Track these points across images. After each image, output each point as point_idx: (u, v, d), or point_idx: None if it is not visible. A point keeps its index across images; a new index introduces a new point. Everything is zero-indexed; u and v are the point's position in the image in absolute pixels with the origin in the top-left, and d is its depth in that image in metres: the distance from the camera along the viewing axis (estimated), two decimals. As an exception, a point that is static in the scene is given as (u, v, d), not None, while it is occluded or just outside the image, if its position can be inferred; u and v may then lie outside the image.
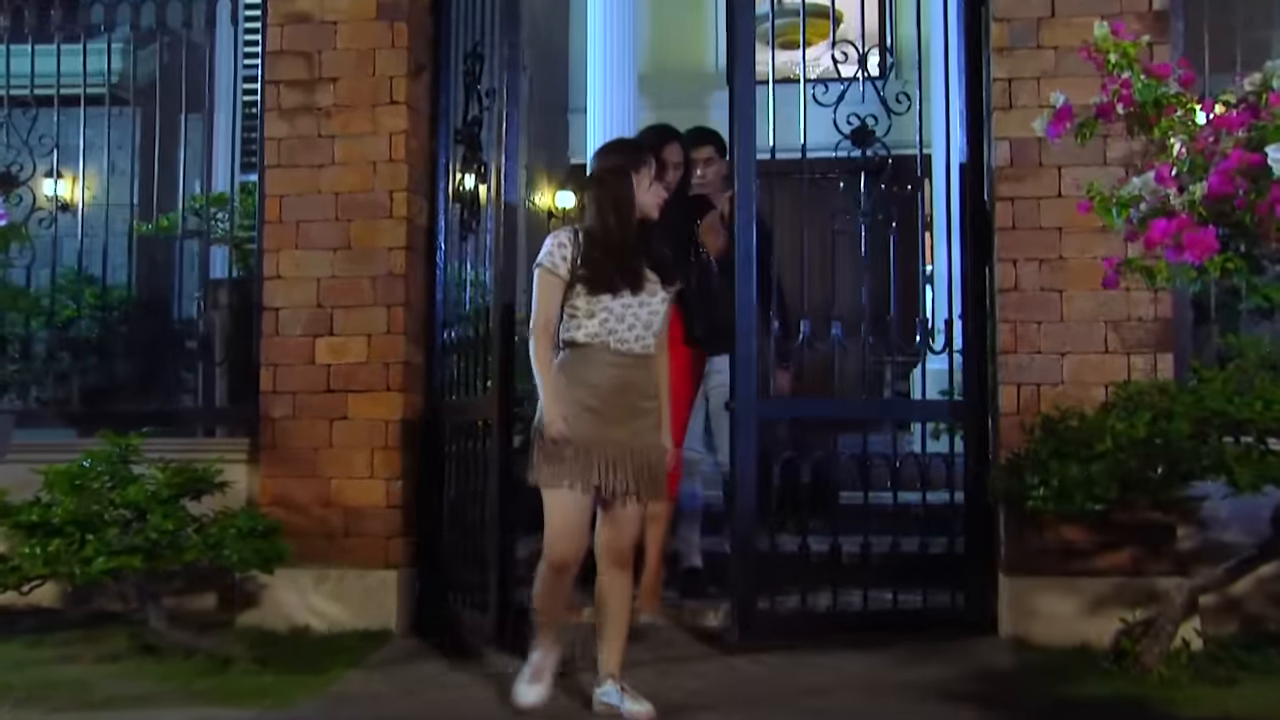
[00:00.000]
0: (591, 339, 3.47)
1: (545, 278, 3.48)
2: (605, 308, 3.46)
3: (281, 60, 4.77)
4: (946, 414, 4.65)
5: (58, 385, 4.92)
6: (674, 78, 10.97)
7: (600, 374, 3.47)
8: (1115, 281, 2.79)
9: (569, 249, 3.48)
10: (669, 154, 4.56)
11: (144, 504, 3.88)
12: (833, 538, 4.48)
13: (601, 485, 3.44)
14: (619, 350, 3.47)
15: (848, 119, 4.54)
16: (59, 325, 5.15)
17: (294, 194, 4.74)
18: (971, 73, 4.66)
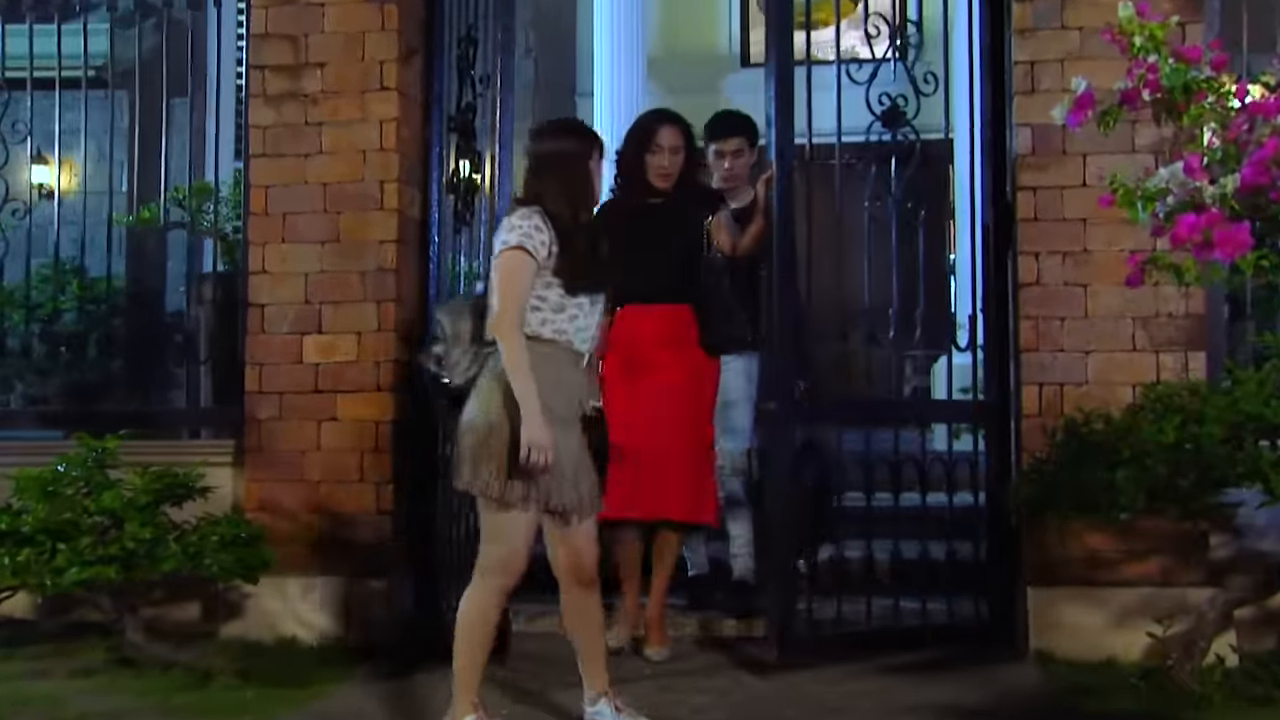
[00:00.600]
0: (557, 336, 3.28)
1: (523, 262, 3.20)
2: (577, 304, 3.29)
3: (266, 44, 4.70)
4: (970, 415, 4.57)
5: (34, 384, 4.85)
6: (686, 60, 10.88)
7: (562, 375, 3.28)
8: (1139, 280, 2.70)
9: (546, 233, 3.25)
10: (664, 137, 4.41)
11: (120, 511, 3.82)
12: (867, 545, 4.40)
13: (566, 505, 3.26)
14: (578, 351, 3.33)
15: (879, 99, 4.43)
16: (36, 321, 5.08)
17: (280, 185, 4.67)
18: (993, 55, 4.57)
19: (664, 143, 4.38)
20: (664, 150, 4.36)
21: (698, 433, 4.36)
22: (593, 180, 3.39)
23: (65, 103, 5.01)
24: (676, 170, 4.40)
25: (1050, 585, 4.23)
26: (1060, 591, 4.21)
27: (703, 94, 10.55)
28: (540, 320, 3.26)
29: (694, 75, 10.65)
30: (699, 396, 4.39)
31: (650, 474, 4.19)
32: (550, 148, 3.40)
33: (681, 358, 4.36)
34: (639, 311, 4.27)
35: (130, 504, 3.86)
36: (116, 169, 5.32)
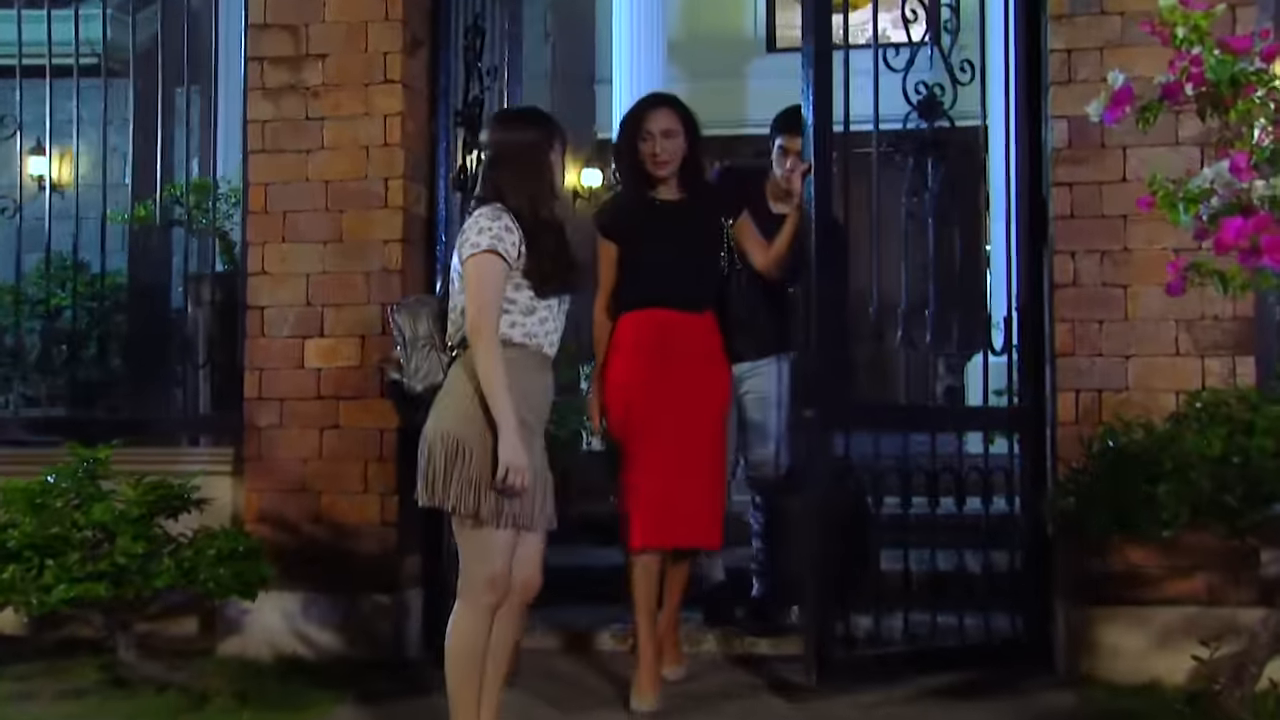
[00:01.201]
0: (527, 340, 3.20)
1: (496, 265, 3.11)
2: (547, 305, 3.23)
3: (265, 34, 4.66)
4: (1005, 422, 4.49)
5: (25, 388, 4.82)
6: (709, 45, 10.80)
7: (532, 382, 3.21)
8: (1180, 288, 2.60)
9: (516, 234, 3.16)
10: (654, 122, 4.09)
11: (111, 525, 3.78)
12: (903, 555, 4.32)
13: (533, 521, 3.19)
14: (547, 355, 3.27)
15: (915, 88, 4.35)
16: (27, 321, 5.06)
17: (280, 182, 4.63)
18: (1028, 42, 4.47)
19: (654, 128, 4.09)
20: (655, 136, 4.08)
21: (720, 450, 4.21)
22: (552, 173, 3.28)
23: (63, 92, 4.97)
24: (673, 156, 4.09)
25: (1089, 603, 4.14)
26: (1099, 610, 4.12)
27: (726, 79, 10.53)
28: (510, 324, 3.17)
29: (717, 60, 10.60)
30: (723, 412, 4.24)
31: (681, 498, 4.02)
32: (505, 139, 3.29)
33: (709, 371, 4.17)
34: (660, 318, 4.09)
35: (122, 517, 3.82)
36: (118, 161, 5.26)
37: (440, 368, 3.25)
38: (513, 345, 3.17)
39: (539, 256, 3.16)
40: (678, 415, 4.02)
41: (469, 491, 3.08)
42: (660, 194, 4.17)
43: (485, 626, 3.19)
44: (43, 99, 5.03)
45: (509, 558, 3.19)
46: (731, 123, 10.23)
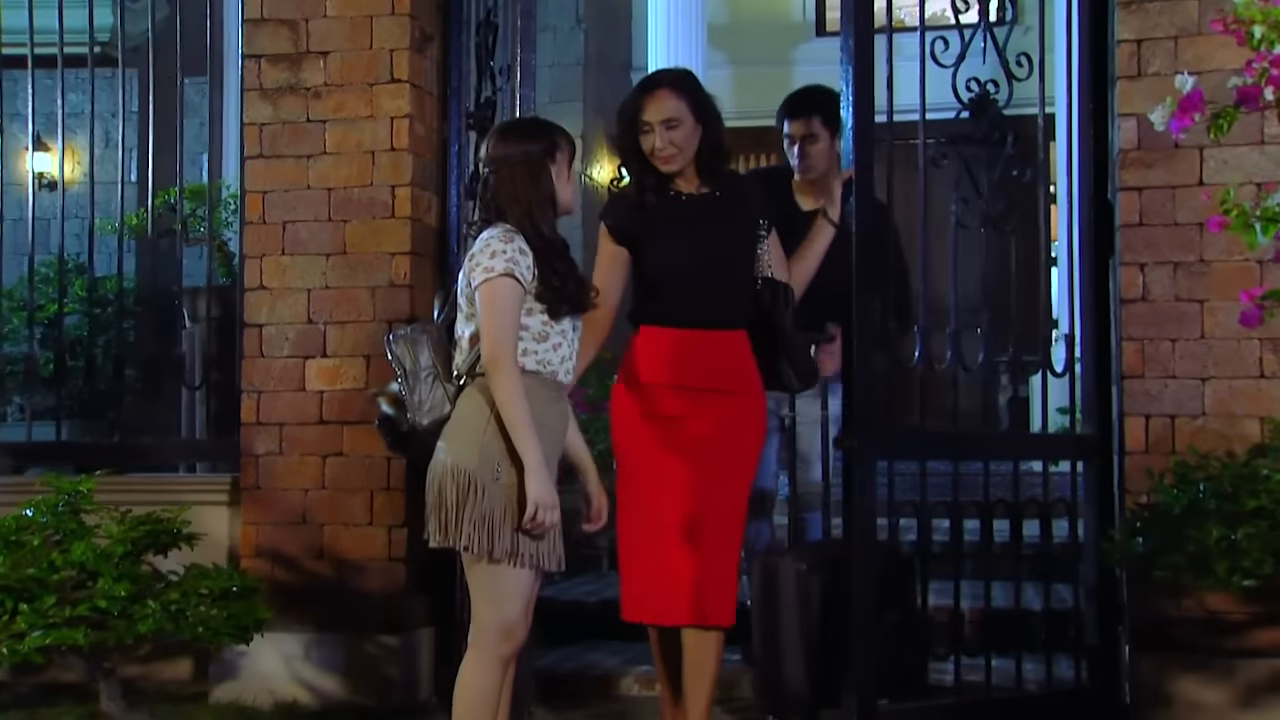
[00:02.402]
0: (540, 368, 3.14)
1: (513, 290, 3.06)
2: (560, 330, 3.17)
3: (262, 30, 4.59)
4: (1067, 450, 4.34)
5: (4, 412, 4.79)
6: (753, 29, 10.67)
7: (547, 412, 3.14)
8: (1257, 319, 2.45)
9: (530, 255, 3.10)
10: (651, 110, 3.57)
11: (92, 564, 3.71)
12: (954, 592, 4.19)
13: (551, 562, 3.13)
14: (561, 383, 3.21)
15: (967, 85, 4.21)
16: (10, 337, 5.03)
17: (279, 190, 4.56)
18: (1094, 32, 4.32)
19: (653, 117, 3.56)
20: (654, 128, 3.56)
21: (742, 505, 3.68)
22: (552, 188, 3.19)
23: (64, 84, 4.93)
24: (682, 147, 3.58)
25: (1162, 650, 3.98)
26: (1174, 658, 3.95)
27: (772, 65, 10.38)
28: (521, 351, 3.11)
29: (762, 45, 10.48)
30: (753, 455, 3.71)
31: (685, 565, 3.49)
32: (501, 154, 3.21)
33: (737, 406, 3.62)
34: (680, 338, 3.60)
35: (104, 555, 3.75)
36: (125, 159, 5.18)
37: (447, 399, 3.18)
38: (525, 374, 3.10)
39: (550, 277, 3.12)
40: (693, 461, 3.53)
41: (482, 529, 3.03)
42: (678, 185, 3.68)
43: (498, 679, 3.12)
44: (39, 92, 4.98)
45: (526, 602, 3.13)
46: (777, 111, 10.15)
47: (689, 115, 3.58)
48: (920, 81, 4.12)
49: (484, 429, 3.06)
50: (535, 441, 3.02)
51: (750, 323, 3.70)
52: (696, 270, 3.61)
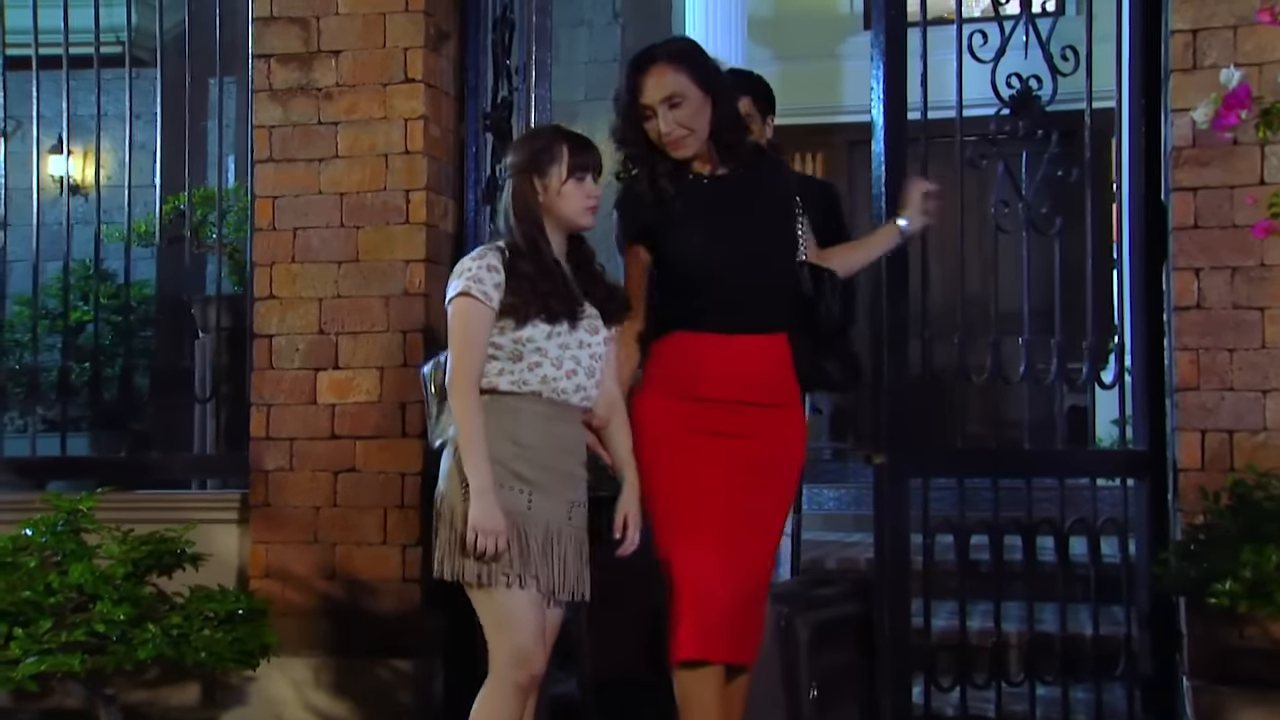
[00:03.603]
0: (517, 387, 3.11)
1: (473, 310, 3.08)
2: (537, 347, 3.10)
3: (272, 29, 4.58)
4: (1117, 467, 4.25)
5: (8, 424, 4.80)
6: (796, 21, 10.60)
7: (531, 430, 3.11)
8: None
9: (501, 273, 3.10)
10: (649, 92, 3.26)
11: (91, 586, 3.70)
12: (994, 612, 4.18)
13: (540, 579, 3.07)
14: (554, 401, 3.14)
15: (1008, 81, 4.16)
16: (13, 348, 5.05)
17: (289, 195, 4.55)
18: (1146, 22, 4.24)
19: (651, 98, 3.25)
20: (654, 111, 3.26)
21: (779, 528, 3.46)
22: (530, 201, 3.14)
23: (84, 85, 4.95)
24: (691, 125, 3.26)
25: (1222, 682, 3.88)
26: (1236, 692, 3.85)
27: (817, 60, 10.31)
28: (497, 370, 3.12)
29: (806, 38, 10.40)
30: (795, 473, 3.46)
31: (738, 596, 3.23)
32: (506, 165, 3.24)
33: (778, 419, 3.35)
34: (711, 344, 3.30)
35: (103, 577, 3.74)
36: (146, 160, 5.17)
37: (452, 422, 3.17)
38: (500, 394, 3.11)
39: (515, 288, 3.09)
40: (740, 483, 3.26)
41: (450, 553, 3.06)
42: (696, 169, 3.37)
43: (514, 709, 3.08)
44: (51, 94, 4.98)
45: (535, 627, 3.08)
46: (824, 108, 10.07)
47: (694, 89, 3.25)
48: (957, 79, 4.07)
49: (454, 452, 3.11)
50: (481, 463, 3.01)
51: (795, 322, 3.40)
52: (728, 264, 3.29)
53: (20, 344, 5.28)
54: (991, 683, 4.20)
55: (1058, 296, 4.23)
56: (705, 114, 3.27)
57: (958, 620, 4.30)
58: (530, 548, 3.06)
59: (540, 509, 3.10)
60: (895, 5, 4.08)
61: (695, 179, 3.35)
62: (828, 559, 6.02)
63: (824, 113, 9.92)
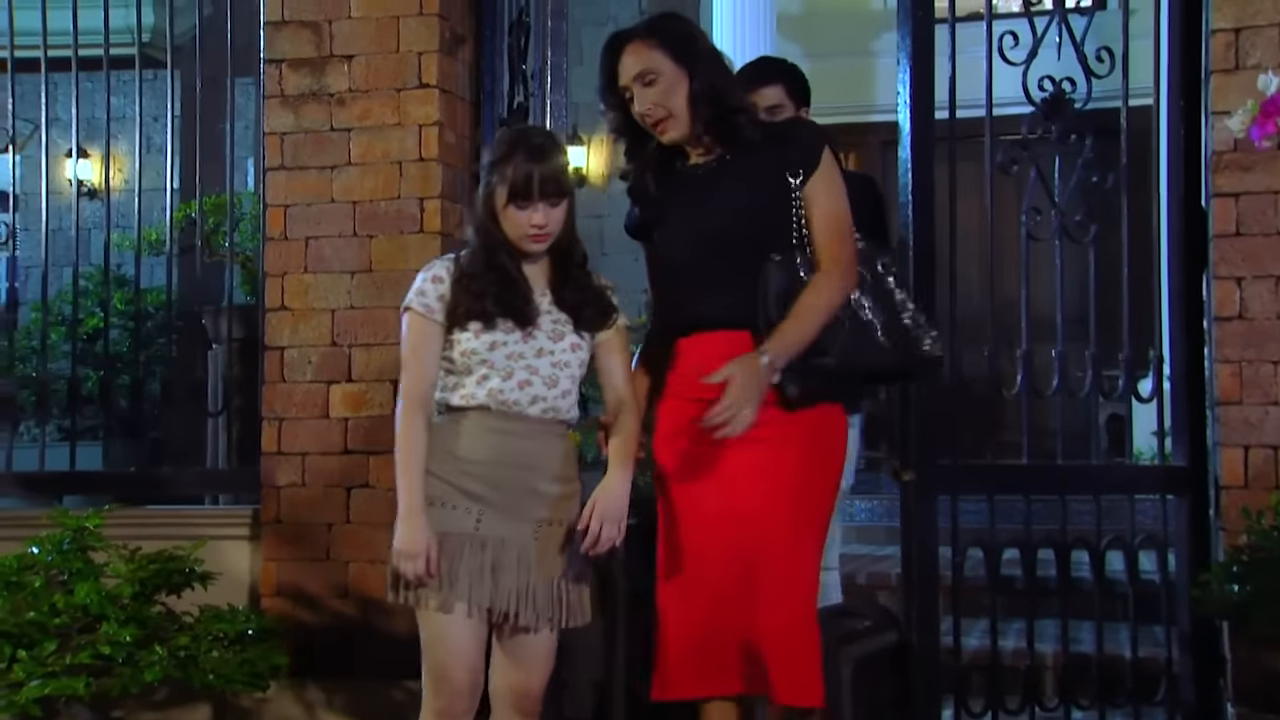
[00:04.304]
0: (468, 402, 3.01)
1: (414, 324, 3.04)
2: (481, 359, 3.00)
3: (283, 33, 4.56)
4: (1155, 483, 4.18)
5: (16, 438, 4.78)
6: (827, 17, 10.55)
7: (478, 445, 3.00)
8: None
9: (446, 284, 3.03)
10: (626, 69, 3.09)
11: (97, 607, 3.69)
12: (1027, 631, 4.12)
13: (494, 606, 2.97)
14: (505, 414, 3.00)
15: (1040, 84, 4.11)
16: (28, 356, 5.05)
17: (301, 203, 4.53)
18: (1186, 20, 4.17)
19: (627, 78, 3.09)
20: (634, 90, 3.09)
21: (801, 545, 3.03)
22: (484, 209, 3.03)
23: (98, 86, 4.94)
24: (665, 104, 3.04)
25: (1267, 710, 3.79)
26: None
27: (849, 57, 10.24)
28: (452, 385, 3.05)
29: (838, 35, 10.34)
30: (807, 479, 3.05)
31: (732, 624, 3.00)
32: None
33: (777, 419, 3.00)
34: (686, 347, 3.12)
35: (110, 597, 3.73)
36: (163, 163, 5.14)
37: None
38: (452, 410, 3.05)
39: (457, 293, 3.03)
40: (725, 486, 3.02)
41: (388, 570, 3.03)
42: (694, 158, 3.17)
43: None
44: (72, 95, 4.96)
45: (461, 650, 2.99)
46: (856, 107, 9.99)
47: (667, 63, 3.04)
48: (987, 81, 4.02)
49: None
50: (409, 483, 2.96)
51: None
52: (689, 258, 3.10)
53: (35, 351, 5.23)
54: (1025, 707, 4.14)
55: (1092, 306, 4.18)
56: (681, 91, 3.05)
57: (989, 640, 4.24)
58: (468, 569, 2.96)
59: (492, 528, 2.99)
60: (922, 3, 4.03)
61: (684, 169, 3.16)
62: (859, 574, 5.96)
63: (856, 112, 9.86)
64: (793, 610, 2.98)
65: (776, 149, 3.05)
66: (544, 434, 3.05)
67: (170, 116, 4.83)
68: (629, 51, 3.09)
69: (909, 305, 3.06)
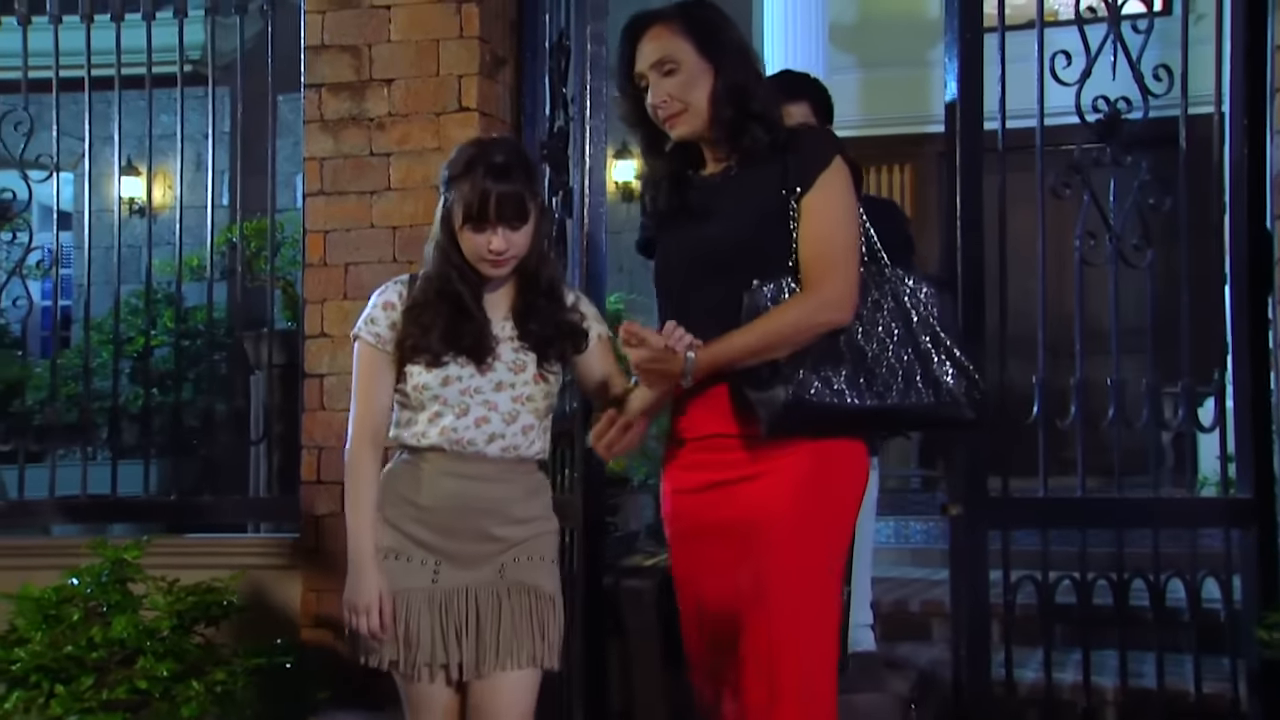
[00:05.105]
0: (417, 440, 2.84)
1: (363, 354, 2.87)
2: (434, 395, 2.81)
3: (323, 58, 4.58)
4: (1222, 516, 4.10)
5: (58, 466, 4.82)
6: (882, 27, 10.49)
7: (432, 491, 2.82)
8: None
9: (397, 310, 2.86)
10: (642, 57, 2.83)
11: (134, 641, 3.71)
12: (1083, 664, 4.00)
13: (450, 662, 2.84)
14: (460, 455, 2.82)
15: (1094, 104, 4.03)
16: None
17: (340, 229, 4.55)
18: (1250, 33, 4.09)
19: (644, 65, 2.82)
20: (650, 78, 2.81)
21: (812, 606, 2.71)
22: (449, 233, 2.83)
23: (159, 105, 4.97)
24: (684, 97, 2.77)
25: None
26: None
27: (904, 67, 10.18)
28: (406, 421, 2.88)
29: (892, 45, 10.29)
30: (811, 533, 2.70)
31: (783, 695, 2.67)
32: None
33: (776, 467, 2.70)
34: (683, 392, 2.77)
35: (147, 631, 3.75)
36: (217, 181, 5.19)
37: None
38: (407, 449, 2.89)
39: (406, 326, 2.85)
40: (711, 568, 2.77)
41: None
42: (710, 166, 2.90)
43: None
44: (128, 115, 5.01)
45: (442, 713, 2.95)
46: (912, 117, 9.91)
47: (691, 53, 2.77)
48: (1039, 98, 3.95)
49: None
50: (360, 531, 2.83)
51: None
52: (683, 283, 2.84)
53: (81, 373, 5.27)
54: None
55: (1149, 332, 4.09)
56: (705, 85, 2.77)
57: (1044, 673, 4.16)
58: (429, 630, 2.83)
59: (451, 579, 2.84)
60: (970, 11, 3.96)
61: (696, 180, 2.89)
62: (912, 600, 5.90)
63: (912, 122, 9.78)
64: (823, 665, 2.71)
65: (782, 161, 2.76)
66: (506, 475, 2.86)
67: (211, 134, 4.85)
68: (650, 36, 2.81)
69: (946, 343, 2.71)
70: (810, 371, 2.64)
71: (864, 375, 2.66)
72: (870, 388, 2.65)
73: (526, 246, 2.83)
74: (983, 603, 3.72)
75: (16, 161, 4.90)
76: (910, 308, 2.72)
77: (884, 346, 2.68)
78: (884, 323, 2.70)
